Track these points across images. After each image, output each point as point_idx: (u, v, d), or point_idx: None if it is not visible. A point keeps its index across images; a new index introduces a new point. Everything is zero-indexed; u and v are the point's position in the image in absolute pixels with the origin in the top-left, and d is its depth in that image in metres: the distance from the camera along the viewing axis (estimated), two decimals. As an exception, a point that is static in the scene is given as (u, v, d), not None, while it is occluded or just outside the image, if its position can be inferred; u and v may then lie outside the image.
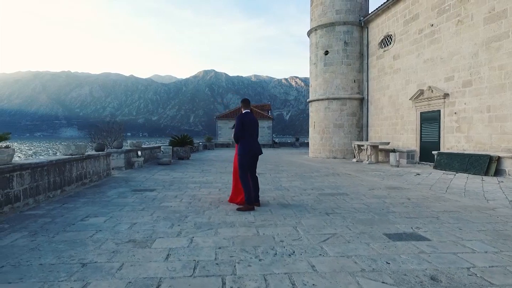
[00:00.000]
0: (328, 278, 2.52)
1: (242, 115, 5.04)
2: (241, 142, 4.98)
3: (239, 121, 4.95)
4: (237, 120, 5.00)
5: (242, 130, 4.94)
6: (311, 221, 4.28)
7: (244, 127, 4.94)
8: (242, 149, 4.97)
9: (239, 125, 4.94)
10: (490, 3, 9.58)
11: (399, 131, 13.96)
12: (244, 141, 4.98)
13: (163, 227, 3.95)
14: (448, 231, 3.83)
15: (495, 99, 9.44)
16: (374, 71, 15.93)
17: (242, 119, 4.96)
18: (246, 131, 4.97)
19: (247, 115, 5.07)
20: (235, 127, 5.01)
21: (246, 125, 4.96)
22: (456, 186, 7.42)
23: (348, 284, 2.41)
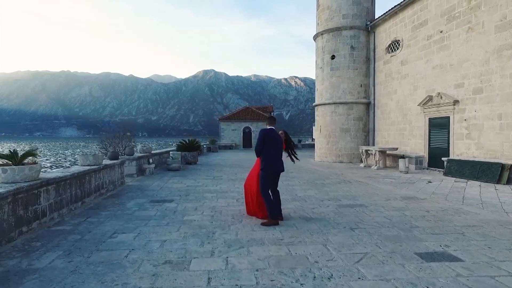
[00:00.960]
0: (375, 306, 2.54)
1: (265, 130, 5.08)
2: (263, 157, 5.02)
3: (261, 136, 5.00)
4: (259, 134, 5.04)
5: (262, 145, 4.97)
6: (339, 238, 4.30)
7: (265, 142, 4.98)
8: (264, 164, 5.01)
9: (261, 140, 4.98)
10: (502, 12, 9.61)
11: (407, 136, 13.99)
12: (266, 157, 5.01)
13: (194, 245, 3.98)
14: (478, 250, 3.86)
15: (507, 107, 9.47)
16: (381, 76, 15.96)
17: (264, 134, 5.00)
18: (268, 147, 5.00)
19: (271, 131, 5.11)
20: (257, 141, 5.06)
21: (267, 141, 5.00)
22: (472, 196, 7.45)
23: (397, 313, 2.44)
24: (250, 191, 5.45)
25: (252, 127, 35.20)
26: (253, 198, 5.35)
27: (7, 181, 4.38)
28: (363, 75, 16.83)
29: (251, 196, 5.40)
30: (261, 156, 5.03)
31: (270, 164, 5.00)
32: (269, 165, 5.00)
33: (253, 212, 5.41)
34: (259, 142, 4.97)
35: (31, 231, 4.40)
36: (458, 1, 11.17)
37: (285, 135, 5.57)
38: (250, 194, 5.44)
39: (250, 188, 5.48)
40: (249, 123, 35.27)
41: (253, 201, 5.38)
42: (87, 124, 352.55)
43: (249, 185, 5.51)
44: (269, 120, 5.29)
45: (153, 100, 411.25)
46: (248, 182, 5.55)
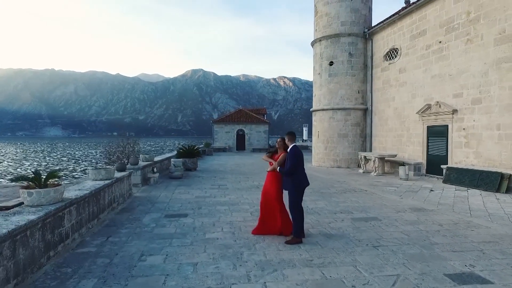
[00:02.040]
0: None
1: (295, 149, 5.10)
2: (295, 176, 5.04)
3: (294, 156, 4.99)
4: (291, 154, 5.01)
5: (297, 165, 4.99)
6: (366, 258, 4.39)
7: (298, 162, 5.01)
8: (298, 182, 5.04)
9: (295, 160, 4.98)
10: (501, 25, 9.93)
11: (405, 143, 14.29)
12: (299, 175, 5.05)
13: (227, 269, 3.99)
14: (503, 269, 4.01)
15: (505, 117, 9.80)
16: (378, 83, 16.24)
17: (297, 153, 5.03)
18: (299, 164, 5.04)
19: (298, 148, 5.16)
20: (290, 162, 4.97)
21: (300, 159, 5.04)
22: (477, 207, 7.68)
23: None
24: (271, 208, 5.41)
25: (245, 129, 35.22)
26: (277, 215, 5.36)
27: (32, 204, 4.30)
28: (360, 81, 17.09)
29: (274, 214, 5.40)
30: (295, 172, 5.05)
31: (303, 181, 5.08)
32: (303, 181, 5.07)
33: (278, 229, 5.35)
34: (294, 162, 4.94)
35: (57, 255, 4.33)
36: (457, 13, 11.48)
37: (284, 143, 5.41)
38: (272, 212, 5.42)
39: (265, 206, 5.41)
40: (242, 125, 35.27)
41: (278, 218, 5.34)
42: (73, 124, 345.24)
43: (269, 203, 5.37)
44: (291, 136, 5.31)
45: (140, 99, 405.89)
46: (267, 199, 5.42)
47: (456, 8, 11.56)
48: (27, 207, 4.25)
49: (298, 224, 5.06)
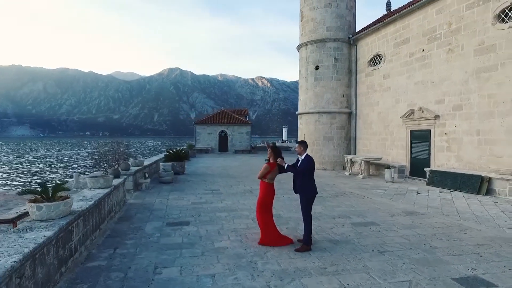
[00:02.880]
0: None
1: (310, 157, 5.26)
2: (309, 184, 5.19)
3: (309, 164, 5.16)
4: (307, 161, 5.17)
5: (310, 170, 5.16)
6: (376, 264, 4.57)
7: (311, 170, 5.17)
8: (311, 190, 5.20)
9: (309, 167, 5.16)
10: (480, 37, 10.55)
11: (389, 146, 14.83)
12: (312, 184, 5.21)
13: (246, 280, 4.04)
14: (502, 272, 4.31)
15: (485, 124, 10.43)
16: (363, 87, 16.74)
17: (311, 161, 5.20)
18: (311, 172, 5.20)
19: (311, 157, 5.31)
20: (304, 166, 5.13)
21: (313, 168, 5.21)
22: (463, 209, 8.14)
23: None
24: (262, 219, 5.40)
25: (228, 130, 35.12)
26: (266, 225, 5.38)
27: (41, 219, 4.15)
28: (345, 85, 17.54)
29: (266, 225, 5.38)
30: (306, 182, 5.18)
31: (315, 189, 5.25)
32: (315, 190, 5.24)
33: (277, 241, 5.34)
34: (307, 167, 5.16)
35: (68, 270, 4.20)
36: (439, 23, 12.07)
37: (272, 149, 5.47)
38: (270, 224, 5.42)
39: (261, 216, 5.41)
40: (225, 126, 35.15)
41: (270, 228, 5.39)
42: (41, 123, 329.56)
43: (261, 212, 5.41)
44: (305, 145, 5.44)
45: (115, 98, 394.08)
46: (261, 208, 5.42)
47: (438, 18, 12.15)
48: (36, 222, 4.10)
49: (309, 232, 5.19)
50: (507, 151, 9.79)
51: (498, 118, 10.03)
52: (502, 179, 9.60)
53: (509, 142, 9.74)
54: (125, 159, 10.73)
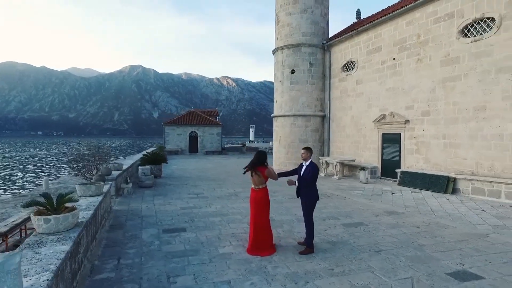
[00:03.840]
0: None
1: (315, 164, 5.47)
2: (314, 189, 5.41)
3: (316, 170, 5.37)
4: (313, 167, 5.35)
5: (315, 179, 5.37)
6: (376, 263, 4.91)
7: (317, 176, 5.40)
8: (314, 195, 5.42)
9: (316, 174, 5.36)
10: (446, 49, 11.53)
11: (361, 148, 15.62)
12: (315, 190, 5.43)
13: (263, 285, 4.15)
14: (486, 265, 4.83)
15: (450, 129, 11.41)
16: (336, 92, 17.46)
17: (317, 169, 5.43)
18: (316, 179, 5.42)
19: (315, 163, 5.53)
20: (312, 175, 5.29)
21: (317, 174, 5.44)
22: (436, 208, 8.87)
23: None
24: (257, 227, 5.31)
25: (198, 131, 34.71)
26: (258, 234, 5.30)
27: (49, 232, 3.97)
28: (319, 89, 18.17)
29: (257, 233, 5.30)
30: (310, 187, 5.38)
31: (317, 195, 5.47)
32: (317, 195, 5.46)
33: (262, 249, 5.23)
34: (315, 174, 5.33)
35: (78, 285, 4.05)
36: (409, 35, 12.97)
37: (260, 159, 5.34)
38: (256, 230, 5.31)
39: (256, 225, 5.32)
40: (195, 127, 34.71)
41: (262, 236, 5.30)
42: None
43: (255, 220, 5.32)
44: (311, 152, 5.64)
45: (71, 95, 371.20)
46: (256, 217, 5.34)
47: (408, 30, 13.05)
48: (43, 235, 3.91)
49: (312, 235, 5.42)
50: (469, 154, 10.80)
51: (462, 123, 11.02)
52: (465, 179, 10.58)
53: (471, 145, 10.75)
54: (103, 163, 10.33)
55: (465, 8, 10.94)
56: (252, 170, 5.33)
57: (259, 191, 5.36)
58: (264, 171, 5.29)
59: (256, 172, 5.29)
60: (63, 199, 4.28)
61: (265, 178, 5.33)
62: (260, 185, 5.36)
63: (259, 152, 5.49)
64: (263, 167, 5.32)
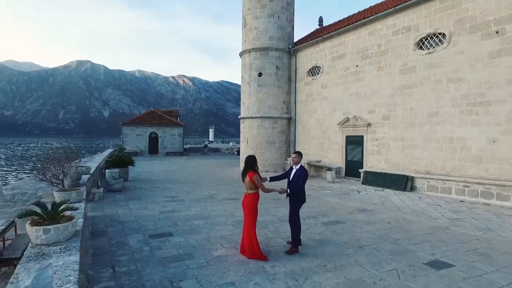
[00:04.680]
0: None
1: (305, 168, 5.76)
2: (303, 193, 5.69)
3: (307, 174, 5.66)
4: (304, 173, 5.61)
5: (305, 182, 5.65)
6: (362, 258, 5.35)
7: (306, 179, 5.69)
8: (303, 197, 5.72)
9: (307, 177, 5.65)
10: (403, 59, 12.63)
11: (326, 149, 16.44)
12: (304, 192, 5.72)
13: (267, 284, 4.35)
14: (453, 254, 5.51)
15: (407, 132, 12.52)
16: (302, 95, 18.15)
17: (307, 172, 5.72)
18: (305, 182, 5.70)
19: (304, 167, 5.83)
20: (302, 179, 5.56)
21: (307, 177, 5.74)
22: (400, 204, 9.73)
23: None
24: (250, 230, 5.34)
25: (159, 132, 33.69)
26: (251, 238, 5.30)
27: (48, 242, 3.79)
28: (285, 92, 18.75)
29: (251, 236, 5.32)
30: (301, 190, 5.65)
31: (305, 197, 5.75)
32: (304, 198, 5.74)
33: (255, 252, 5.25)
34: (305, 178, 5.60)
35: (81, 295, 3.92)
36: (371, 44, 13.97)
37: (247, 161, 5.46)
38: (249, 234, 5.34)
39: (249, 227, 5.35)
40: (155, 128, 33.64)
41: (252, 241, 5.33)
42: None
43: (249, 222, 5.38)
44: (301, 156, 5.92)
45: (7, 91, 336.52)
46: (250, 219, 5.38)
47: (369, 40, 14.05)
48: (42, 246, 3.73)
49: (298, 233, 5.71)
50: (424, 155, 11.96)
51: (418, 127, 12.16)
52: (421, 178, 11.70)
53: (425, 147, 11.91)
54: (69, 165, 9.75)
55: (420, 23, 12.09)
56: (244, 174, 5.48)
57: (248, 195, 5.41)
58: (252, 176, 5.31)
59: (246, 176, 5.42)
60: (61, 207, 4.10)
61: (253, 183, 5.32)
62: (251, 190, 5.38)
63: (248, 157, 5.58)
64: (252, 172, 5.36)
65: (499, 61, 9.93)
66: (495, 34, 10.02)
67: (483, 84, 10.28)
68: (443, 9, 11.37)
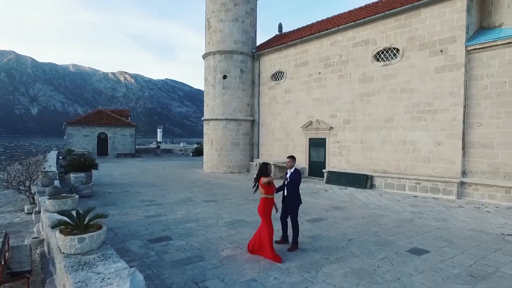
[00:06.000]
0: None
1: (299, 171, 6.22)
2: (298, 195, 6.16)
3: (300, 176, 6.14)
4: (298, 176, 6.10)
5: (299, 184, 6.14)
6: (356, 250, 6.04)
7: (300, 181, 6.18)
8: (299, 200, 6.18)
9: (300, 180, 6.13)
10: (362, 69, 13.94)
11: (290, 151, 17.27)
12: (299, 194, 6.20)
13: (285, 277, 4.77)
14: (426, 242, 6.49)
15: (366, 135, 13.85)
16: (265, 98, 18.80)
17: (301, 175, 6.19)
18: (299, 184, 6.19)
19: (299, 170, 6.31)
20: (297, 182, 6.05)
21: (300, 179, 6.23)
22: (366, 201, 10.82)
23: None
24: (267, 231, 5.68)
25: (108, 133, 31.83)
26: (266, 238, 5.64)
27: (81, 252, 3.76)
28: (249, 95, 19.25)
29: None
30: (296, 192, 6.12)
31: (300, 198, 6.23)
32: (300, 199, 6.23)
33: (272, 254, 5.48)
34: (299, 183, 6.09)
35: (115, 302, 3.93)
36: (332, 54, 15.12)
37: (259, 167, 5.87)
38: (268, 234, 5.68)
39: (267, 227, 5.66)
40: (104, 128, 31.72)
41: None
42: None
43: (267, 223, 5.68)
44: (295, 160, 6.39)
45: None
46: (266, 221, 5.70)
47: (331, 49, 15.19)
48: (77, 256, 3.69)
49: (298, 233, 6.21)
50: (381, 156, 13.37)
51: (375, 131, 13.54)
52: (379, 176, 13.07)
53: (382, 149, 13.32)
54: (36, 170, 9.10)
55: (377, 37, 13.49)
56: (256, 180, 5.87)
57: (260, 200, 5.81)
58: (260, 181, 5.73)
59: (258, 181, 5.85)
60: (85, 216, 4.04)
61: (263, 187, 5.70)
62: (262, 194, 5.76)
63: (261, 164, 6.03)
64: (263, 177, 5.75)
65: (443, 76, 11.59)
66: (440, 52, 11.67)
67: (431, 94, 11.90)
68: (397, 27, 12.84)
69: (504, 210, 9.39)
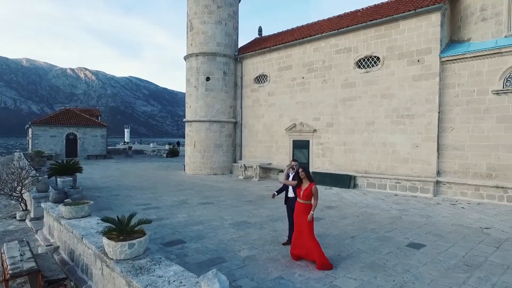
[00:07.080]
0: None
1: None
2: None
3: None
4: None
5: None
6: (361, 246, 6.57)
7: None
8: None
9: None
10: (345, 75, 14.72)
11: (274, 152, 17.74)
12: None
13: (309, 273, 5.14)
14: (420, 237, 7.17)
15: (348, 137, 14.64)
16: (248, 101, 19.10)
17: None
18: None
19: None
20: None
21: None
22: (353, 200, 11.51)
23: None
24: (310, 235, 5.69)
25: (78, 133, 30.39)
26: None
27: (131, 257, 3.87)
28: (232, 98, 19.44)
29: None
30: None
31: None
32: None
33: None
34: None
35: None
36: (316, 59, 15.78)
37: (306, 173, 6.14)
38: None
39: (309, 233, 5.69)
40: (73, 128, 30.25)
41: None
42: None
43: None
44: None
45: None
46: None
47: (315, 55, 15.84)
48: (129, 261, 3.80)
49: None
50: (363, 157, 14.21)
51: (357, 134, 14.36)
52: (362, 177, 13.90)
53: (364, 151, 14.17)
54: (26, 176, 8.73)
55: (359, 46, 14.31)
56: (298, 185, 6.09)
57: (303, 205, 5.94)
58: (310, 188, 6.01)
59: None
60: (128, 221, 4.13)
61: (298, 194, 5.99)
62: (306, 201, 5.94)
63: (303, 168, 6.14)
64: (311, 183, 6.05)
65: (420, 84, 12.61)
66: (417, 62, 12.69)
67: (409, 100, 12.88)
68: (378, 37, 13.73)
69: (475, 206, 10.48)
